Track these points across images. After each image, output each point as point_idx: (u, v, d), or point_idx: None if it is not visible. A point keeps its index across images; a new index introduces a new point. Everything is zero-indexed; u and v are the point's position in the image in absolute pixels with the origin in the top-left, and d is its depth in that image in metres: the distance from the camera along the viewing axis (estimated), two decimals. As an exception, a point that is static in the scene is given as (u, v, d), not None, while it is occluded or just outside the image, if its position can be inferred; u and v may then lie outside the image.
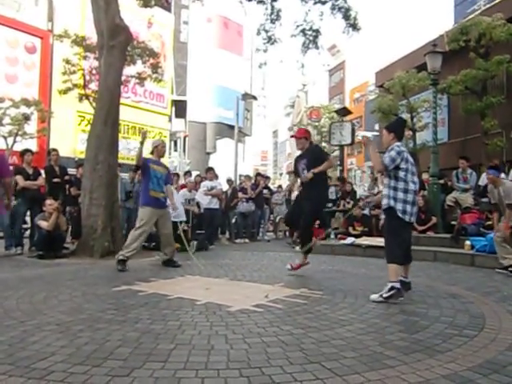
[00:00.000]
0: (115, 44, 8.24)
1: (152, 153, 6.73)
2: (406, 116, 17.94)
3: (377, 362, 2.57)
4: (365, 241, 8.65)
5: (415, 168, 4.46)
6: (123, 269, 6.05)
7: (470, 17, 14.96)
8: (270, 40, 12.04)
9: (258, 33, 12.20)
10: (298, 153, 6.13)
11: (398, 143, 4.42)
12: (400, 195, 4.28)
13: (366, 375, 2.37)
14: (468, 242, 7.40)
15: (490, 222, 7.54)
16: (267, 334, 3.10)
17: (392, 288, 4.13)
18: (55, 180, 8.76)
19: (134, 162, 6.86)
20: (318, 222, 8.39)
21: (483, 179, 9.61)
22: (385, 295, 4.13)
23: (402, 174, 4.30)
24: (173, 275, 5.72)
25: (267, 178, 14.84)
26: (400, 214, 4.25)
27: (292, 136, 6.24)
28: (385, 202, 4.40)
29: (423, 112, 17.49)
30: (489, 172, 6.60)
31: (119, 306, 3.91)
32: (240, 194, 11.50)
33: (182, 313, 3.69)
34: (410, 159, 4.39)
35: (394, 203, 4.29)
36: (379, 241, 8.34)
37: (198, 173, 13.07)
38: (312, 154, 5.75)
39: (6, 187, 6.73)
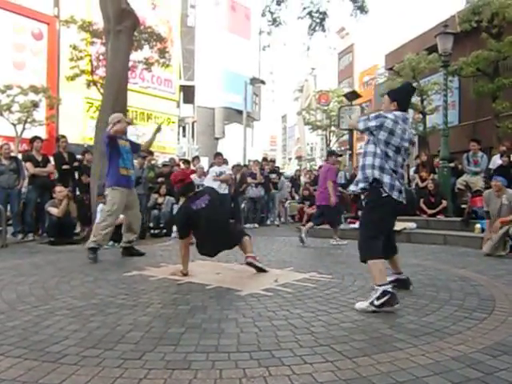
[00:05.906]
0: (122, 29, 8.19)
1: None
2: (416, 99, 17.73)
3: (386, 345, 2.58)
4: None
5: (407, 148, 3.57)
6: (95, 258, 5.58)
7: (482, -4, 14.58)
8: (275, 22, 11.93)
9: (263, 14, 12.08)
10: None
11: (397, 113, 3.52)
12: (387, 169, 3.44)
13: (375, 357, 2.38)
14: (478, 226, 7.37)
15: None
16: (277, 318, 3.12)
17: (384, 293, 3.24)
18: (65, 167, 8.80)
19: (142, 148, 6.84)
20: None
21: (494, 162, 9.50)
22: (376, 302, 3.21)
23: (381, 146, 3.45)
24: (183, 260, 5.75)
25: (271, 161, 14.70)
26: (387, 189, 3.43)
27: None
28: (369, 173, 3.48)
29: (433, 95, 17.26)
30: (497, 179, 6.41)
31: (130, 291, 3.95)
32: (249, 179, 11.49)
33: (192, 297, 3.73)
34: (406, 136, 3.48)
35: (380, 175, 3.43)
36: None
37: (206, 158, 13.00)
38: None
39: None
